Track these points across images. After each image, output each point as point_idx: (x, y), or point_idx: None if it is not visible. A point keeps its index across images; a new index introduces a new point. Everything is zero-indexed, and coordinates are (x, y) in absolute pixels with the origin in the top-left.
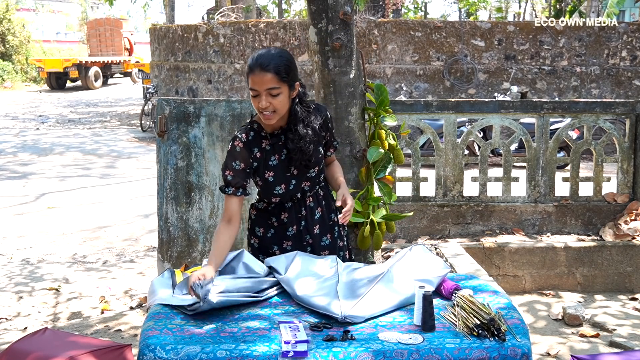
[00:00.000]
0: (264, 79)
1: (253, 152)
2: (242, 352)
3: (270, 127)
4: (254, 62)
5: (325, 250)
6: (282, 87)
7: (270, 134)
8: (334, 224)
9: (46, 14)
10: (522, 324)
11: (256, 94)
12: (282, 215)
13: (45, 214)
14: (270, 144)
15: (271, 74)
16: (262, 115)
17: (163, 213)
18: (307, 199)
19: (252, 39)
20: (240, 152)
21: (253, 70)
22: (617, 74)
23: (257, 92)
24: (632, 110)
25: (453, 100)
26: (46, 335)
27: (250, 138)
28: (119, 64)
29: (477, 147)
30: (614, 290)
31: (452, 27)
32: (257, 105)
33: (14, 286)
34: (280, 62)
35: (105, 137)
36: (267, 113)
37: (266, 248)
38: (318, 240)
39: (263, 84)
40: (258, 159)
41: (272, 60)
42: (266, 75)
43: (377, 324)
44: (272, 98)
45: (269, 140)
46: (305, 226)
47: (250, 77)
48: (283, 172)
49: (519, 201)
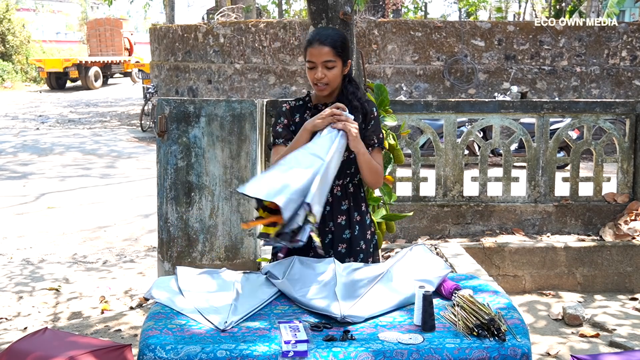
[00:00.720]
0: (321, 51)
1: (294, 116)
2: (242, 352)
3: (317, 100)
4: (313, 36)
5: (344, 243)
6: (337, 61)
7: (314, 106)
8: (361, 223)
9: (46, 14)
10: (522, 324)
11: (313, 65)
12: None
13: (45, 214)
14: (311, 115)
15: (328, 48)
16: (316, 87)
17: (163, 213)
18: (335, 187)
19: (252, 39)
20: (285, 112)
21: (312, 44)
22: (617, 74)
23: (314, 64)
24: (632, 110)
25: (453, 100)
26: (46, 335)
27: (298, 104)
28: (119, 64)
29: (477, 147)
30: (614, 290)
31: (452, 27)
32: (312, 76)
33: (14, 286)
34: (337, 38)
35: (105, 137)
36: (321, 85)
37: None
38: (340, 232)
39: (320, 56)
40: (296, 124)
41: (330, 35)
42: (324, 48)
43: (377, 324)
44: (327, 70)
45: (312, 112)
46: (330, 212)
47: (309, 49)
48: None
49: (519, 201)
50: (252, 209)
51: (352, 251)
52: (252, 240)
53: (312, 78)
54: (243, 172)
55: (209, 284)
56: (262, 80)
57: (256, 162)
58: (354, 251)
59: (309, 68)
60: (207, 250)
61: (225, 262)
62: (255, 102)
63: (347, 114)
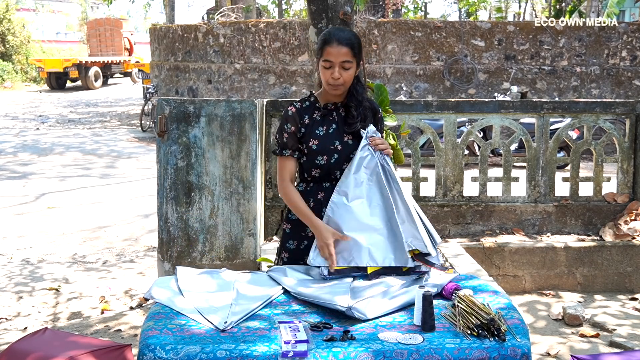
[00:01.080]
0: (340, 51)
1: (303, 118)
2: (242, 352)
3: (326, 99)
4: (330, 35)
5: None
6: (353, 62)
7: (323, 107)
8: None
9: (46, 14)
10: (522, 324)
11: (330, 65)
12: (318, 195)
13: (45, 214)
14: (321, 115)
15: (347, 48)
16: (330, 86)
17: (163, 213)
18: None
19: (252, 39)
20: (292, 116)
21: (330, 43)
22: (617, 74)
23: (332, 63)
24: (632, 110)
25: (453, 100)
26: (46, 335)
27: (305, 106)
28: (119, 64)
29: (477, 147)
30: (614, 290)
31: (452, 27)
32: (328, 76)
33: (14, 286)
34: (355, 39)
35: (105, 137)
36: (338, 86)
37: (296, 261)
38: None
39: (339, 56)
40: (306, 126)
41: (348, 36)
42: (343, 48)
43: (377, 324)
44: (344, 71)
45: (321, 112)
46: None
47: (327, 48)
48: (327, 144)
49: (519, 201)
50: (251, 209)
51: None
52: (252, 240)
53: (327, 77)
54: (243, 172)
55: (209, 284)
56: (262, 80)
57: (256, 162)
58: None
59: (325, 67)
60: (207, 250)
61: (225, 262)
62: (255, 102)
63: (373, 132)
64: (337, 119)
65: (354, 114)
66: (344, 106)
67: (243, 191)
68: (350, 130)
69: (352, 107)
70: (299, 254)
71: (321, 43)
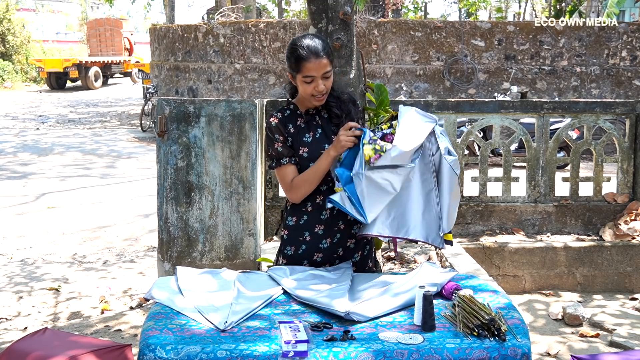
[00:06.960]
0: (320, 64)
1: (287, 127)
2: (242, 352)
3: (306, 106)
4: (306, 51)
5: (354, 267)
6: (331, 69)
7: (305, 113)
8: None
9: (46, 14)
10: (522, 324)
11: (311, 79)
12: (317, 199)
13: (45, 214)
14: (305, 122)
15: (326, 59)
16: (314, 98)
17: (163, 213)
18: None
19: (252, 39)
20: (276, 127)
21: (308, 59)
22: (617, 74)
23: (313, 77)
24: (632, 110)
25: (453, 100)
26: (46, 335)
27: (286, 115)
28: (119, 64)
29: (477, 147)
30: (614, 290)
31: (452, 27)
32: (311, 90)
33: (13, 286)
34: (326, 46)
35: (105, 137)
36: (321, 96)
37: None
38: (350, 255)
39: (320, 69)
40: (292, 135)
41: (321, 45)
42: (322, 60)
43: (377, 324)
44: (326, 80)
45: (304, 119)
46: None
47: (305, 65)
48: (317, 149)
49: (519, 201)
50: (251, 209)
51: (362, 270)
52: (252, 240)
53: (310, 91)
54: (243, 172)
55: (209, 284)
56: (262, 80)
57: (256, 162)
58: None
59: (306, 82)
60: (207, 250)
61: (225, 262)
62: (255, 102)
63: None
64: (321, 122)
65: (337, 113)
66: (324, 107)
67: (243, 191)
68: (338, 130)
69: (333, 106)
70: (296, 259)
71: (296, 59)
